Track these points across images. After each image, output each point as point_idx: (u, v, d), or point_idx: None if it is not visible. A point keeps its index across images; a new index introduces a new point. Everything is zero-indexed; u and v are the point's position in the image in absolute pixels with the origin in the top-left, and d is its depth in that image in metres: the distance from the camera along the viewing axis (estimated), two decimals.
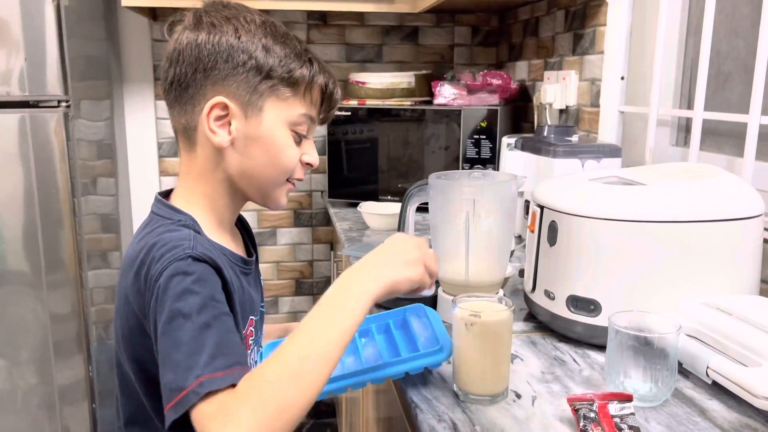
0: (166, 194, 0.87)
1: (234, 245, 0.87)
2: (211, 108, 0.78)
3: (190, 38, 0.78)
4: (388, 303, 1.02)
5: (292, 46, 0.81)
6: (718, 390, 0.82)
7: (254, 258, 0.91)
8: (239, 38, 0.78)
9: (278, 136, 0.81)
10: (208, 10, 0.80)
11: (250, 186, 0.84)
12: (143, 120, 2.31)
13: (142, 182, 2.34)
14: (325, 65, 0.84)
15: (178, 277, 0.69)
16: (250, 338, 0.86)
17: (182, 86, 0.79)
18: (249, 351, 0.85)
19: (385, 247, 0.79)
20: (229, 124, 0.79)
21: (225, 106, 0.78)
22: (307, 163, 0.85)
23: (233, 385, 0.64)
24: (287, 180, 0.86)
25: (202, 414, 0.62)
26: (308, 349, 0.67)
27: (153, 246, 0.73)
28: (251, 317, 0.85)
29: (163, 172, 2.36)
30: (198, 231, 0.78)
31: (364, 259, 0.77)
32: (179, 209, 0.81)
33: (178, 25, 0.81)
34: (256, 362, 0.90)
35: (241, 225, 0.96)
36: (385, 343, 0.95)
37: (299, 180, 0.87)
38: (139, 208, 2.34)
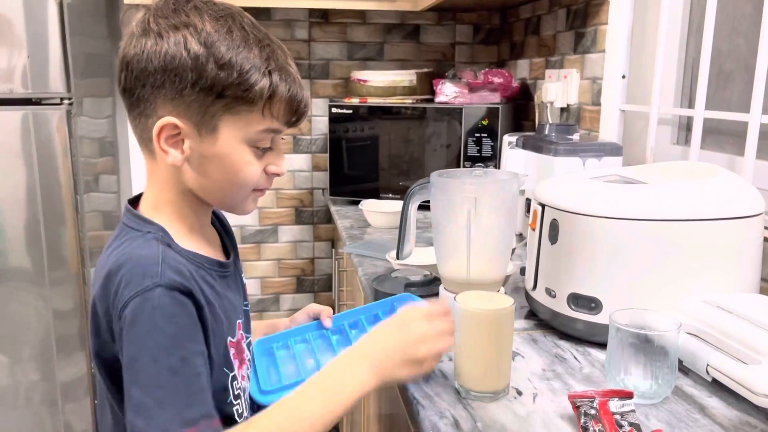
0: (136, 200, 0.82)
1: (209, 249, 0.82)
2: (161, 128, 0.73)
3: (136, 48, 0.72)
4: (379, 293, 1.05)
5: (251, 54, 0.72)
6: (718, 387, 0.82)
7: (232, 259, 0.86)
8: (189, 52, 0.70)
9: (235, 155, 0.74)
10: (156, 14, 0.72)
11: (212, 199, 0.80)
12: None
13: (143, 180, 2.33)
14: (288, 70, 0.75)
15: (145, 311, 0.66)
16: (243, 342, 0.83)
17: (132, 98, 0.74)
18: (244, 354, 0.83)
19: (394, 334, 0.75)
20: (183, 142, 0.74)
21: (176, 126, 0.73)
22: (274, 174, 0.79)
23: None
24: (253, 190, 0.80)
25: None
26: (294, 427, 0.68)
27: (122, 265, 0.70)
28: (238, 321, 0.82)
29: None
30: (169, 243, 0.74)
31: (371, 345, 0.74)
32: (148, 219, 0.77)
33: (129, 28, 0.75)
34: (250, 361, 0.87)
35: (220, 223, 0.91)
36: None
37: (266, 188, 0.81)
38: None
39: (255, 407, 0.84)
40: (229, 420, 0.75)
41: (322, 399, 0.71)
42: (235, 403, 0.78)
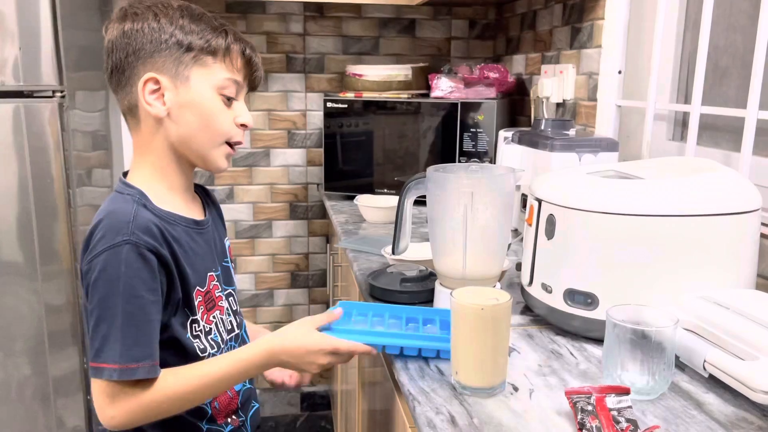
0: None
1: (187, 209, 0.96)
2: (144, 83, 0.88)
3: (118, 29, 0.89)
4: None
5: (207, 21, 0.90)
6: (714, 383, 0.82)
7: (208, 218, 1.00)
8: (159, 21, 0.88)
9: (207, 100, 0.90)
10: (131, 3, 0.91)
11: (189, 151, 0.92)
12: None
13: None
14: (240, 35, 0.93)
15: (114, 263, 0.82)
16: (216, 291, 0.97)
17: (119, 71, 0.90)
18: (218, 301, 0.98)
19: (305, 351, 0.89)
20: (163, 95, 0.89)
21: (156, 81, 0.88)
22: (242, 125, 0.93)
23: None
24: (227, 143, 0.93)
25: (101, 387, 0.82)
26: (201, 394, 0.88)
27: (101, 221, 0.85)
28: (209, 274, 0.96)
29: None
30: (144, 203, 0.88)
31: (283, 350, 0.89)
32: (130, 184, 0.91)
33: (110, 22, 0.91)
34: (230, 314, 1.01)
35: (208, 197, 1.05)
36: (408, 324, 0.99)
37: (238, 144, 0.94)
38: None
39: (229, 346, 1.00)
40: (188, 351, 0.91)
41: (229, 370, 0.87)
42: (193, 340, 0.92)
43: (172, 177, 0.94)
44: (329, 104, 2.00)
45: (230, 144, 0.94)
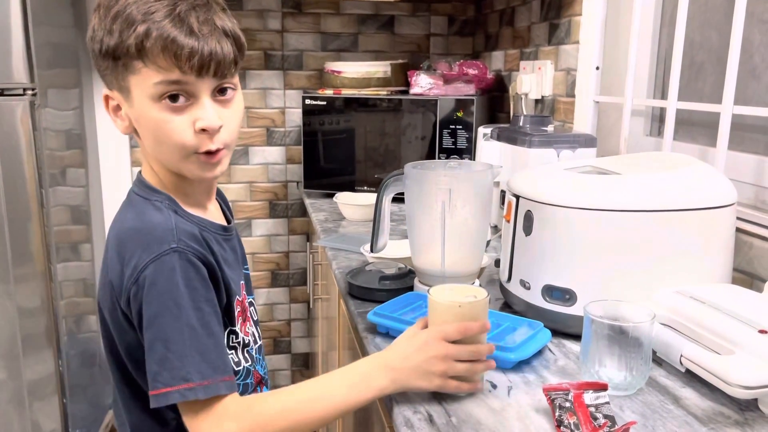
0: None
1: (211, 215, 0.88)
2: (105, 101, 0.81)
3: None
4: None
5: (126, 12, 0.74)
6: (691, 378, 0.82)
7: (233, 225, 0.92)
8: (94, 28, 0.77)
9: (150, 113, 0.76)
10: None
11: (168, 167, 0.81)
12: None
13: (113, 173, 2.29)
14: (159, 19, 0.73)
15: (164, 274, 0.73)
16: (246, 300, 0.91)
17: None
18: (247, 313, 0.90)
19: (408, 350, 0.78)
20: (121, 110, 0.80)
21: (108, 96, 0.80)
22: (202, 129, 0.76)
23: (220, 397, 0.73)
24: (195, 153, 0.78)
25: (190, 412, 0.74)
26: (309, 414, 0.76)
27: (138, 231, 0.76)
28: (240, 281, 0.89)
29: (135, 163, 2.31)
30: (175, 209, 0.80)
31: (393, 357, 0.78)
32: (155, 188, 0.82)
33: None
34: (253, 325, 0.92)
35: (222, 198, 0.97)
36: None
37: (208, 153, 0.78)
38: (111, 200, 2.30)
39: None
40: None
41: (341, 390, 0.77)
42: (228, 352, 0.82)
43: (181, 186, 0.83)
44: (308, 101, 1.98)
45: (199, 153, 0.78)
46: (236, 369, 0.84)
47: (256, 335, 0.93)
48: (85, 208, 2.08)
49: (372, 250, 1.17)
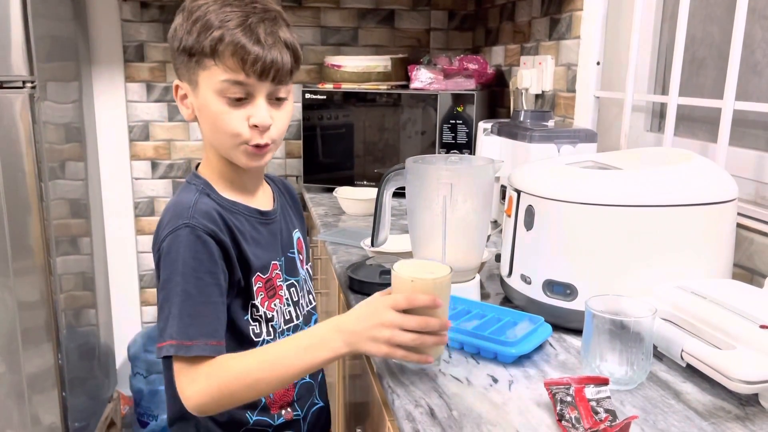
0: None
1: (252, 200, 0.97)
2: (175, 90, 0.92)
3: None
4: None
5: (206, 18, 0.85)
6: (692, 373, 0.83)
7: (276, 209, 1.00)
8: (176, 28, 0.88)
9: (212, 105, 0.87)
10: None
11: (219, 153, 0.92)
12: (113, 103, 2.25)
13: (112, 167, 2.29)
14: (248, 29, 0.84)
15: (175, 245, 0.84)
16: (278, 280, 0.97)
17: None
18: (279, 290, 0.97)
19: (362, 314, 0.81)
20: (187, 99, 0.91)
21: (178, 86, 0.91)
22: (254, 125, 0.87)
23: (203, 357, 0.82)
24: (245, 144, 0.88)
25: (177, 366, 0.83)
26: (269, 373, 0.82)
27: (167, 210, 0.89)
28: (274, 262, 0.96)
29: (134, 156, 2.31)
30: (208, 192, 0.91)
31: (346, 320, 0.82)
32: (198, 175, 0.94)
33: None
34: (290, 305, 0.99)
35: (285, 190, 1.07)
36: (482, 323, 0.95)
37: (257, 146, 0.88)
38: (110, 193, 2.29)
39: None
40: (242, 333, 0.91)
41: (299, 352, 0.82)
42: (252, 323, 0.92)
43: (227, 172, 0.94)
44: (308, 96, 1.98)
45: (246, 143, 0.89)
46: (255, 339, 0.92)
47: (293, 314, 0.99)
48: (84, 201, 2.08)
49: (373, 245, 1.17)
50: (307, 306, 1.04)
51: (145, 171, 2.34)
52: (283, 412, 0.98)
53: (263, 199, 1.00)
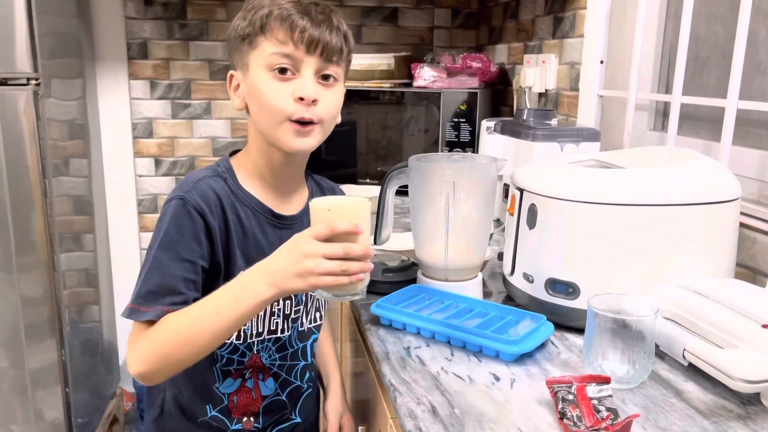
0: None
1: (275, 200, 0.96)
2: (229, 81, 0.94)
3: None
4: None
5: (258, 3, 0.89)
6: (693, 372, 0.83)
7: (297, 216, 0.98)
8: (233, 23, 0.92)
9: (259, 79, 0.88)
10: None
11: (264, 135, 0.91)
12: (117, 100, 2.26)
13: (115, 163, 2.29)
14: (300, 7, 0.88)
15: (166, 214, 0.86)
16: None
17: None
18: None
19: (286, 252, 0.79)
20: (239, 88, 0.92)
21: (232, 76, 0.93)
22: (299, 98, 0.87)
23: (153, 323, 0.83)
24: (289, 120, 0.88)
25: (132, 332, 0.85)
26: (202, 327, 0.81)
27: (179, 181, 0.92)
28: None
29: (137, 154, 2.32)
30: (225, 177, 0.92)
31: (268, 263, 0.80)
32: (227, 159, 0.96)
33: None
34: (279, 316, 0.97)
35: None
36: (484, 321, 0.95)
37: (301, 120, 0.88)
38: (113, 190, 2.30)
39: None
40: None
41: (226, 303, 0.80)
42: None
43: (261, 166, 0.95)
44: None
45: (293, 120, 0.88)
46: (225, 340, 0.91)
47: (279, 327, 0.97)
48: (88, 198, 2.08)
49: (375, 243, 1.17)
50: (310, 323, 1.02)
51: (148, 168, 2.34)
52: (244, 419, 0.98)
53: (294, 204, 0.99)
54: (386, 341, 0.94)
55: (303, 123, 0.88)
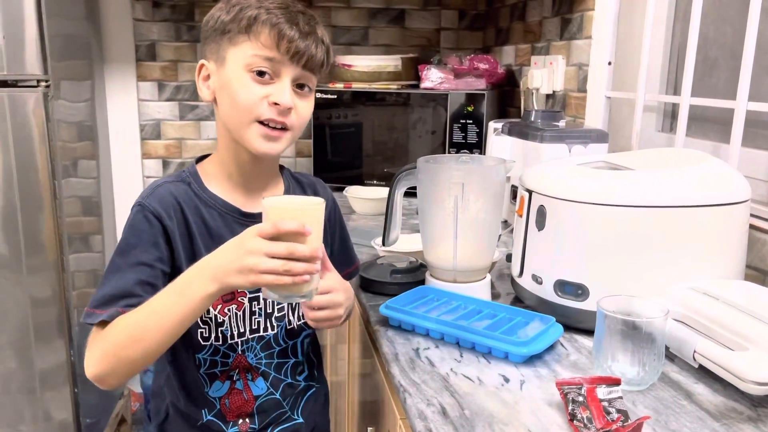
0: None
1: (243, 199, 0.95)
2: (198, 69, 0.93)
3: None
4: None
5: (247, 2, 0.89)
6: (704, 374, 0.83)
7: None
8: (212, 13, 0.91)
9: (235, 78, 0.88)
10: None
11: (231, 133, 0.91)
12: (125, 102, 2.27)
13: (124, 165, 2.30)
14: (286, 12, 0.88)
15: (127, 221, 0.89)
16: None
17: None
18: (238, 297, 0.94)
19: (231, 247, 0.79)
20: (209, 79, 0.92)
21: (204, 66, 0.92)
22: (274, 103, 0.87)
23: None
24: (257, 122, 0.88)
25: (91, 333, 0.85)
26: (152, 323, 0.80)
27: None
28: None
29: (145, 155, 2.33)
30: (189, 182, 0.93)
31: (212, 258, 0.80)
32: (193, 165, 0.97)
33: None
34: (260, 315, 0.96)
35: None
36: (493, 323, 0.95)
37: (270, 121, 0.88)
38: (121, 191, 2.31)
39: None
40: (189, 334, 0.91)
41: (171, 299, 0.80)
42: (201, 326, 0.93)
43: (229, 164, 0.95)
44: (318, 95, 1.98)
45: (262, 123, 0.88)
46: (203, 344, 0.94)
47: (262, 326, 0.96)
48: (96, 199, 2.09)
49: (384, 244, 1.18)
50: (299, 321, 1.00)
51: (156, 169, 2.35)
52: (240, 421, 0.98)
53: (256, 198, 0.96)
54: (395, 342, 0.94)
55: (273, 128, 0.89)
